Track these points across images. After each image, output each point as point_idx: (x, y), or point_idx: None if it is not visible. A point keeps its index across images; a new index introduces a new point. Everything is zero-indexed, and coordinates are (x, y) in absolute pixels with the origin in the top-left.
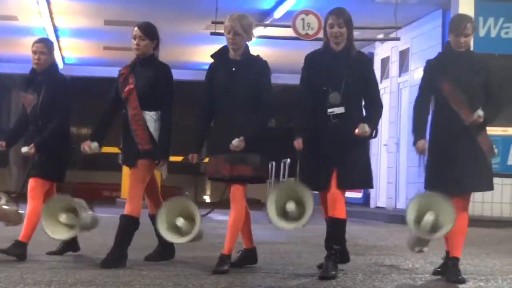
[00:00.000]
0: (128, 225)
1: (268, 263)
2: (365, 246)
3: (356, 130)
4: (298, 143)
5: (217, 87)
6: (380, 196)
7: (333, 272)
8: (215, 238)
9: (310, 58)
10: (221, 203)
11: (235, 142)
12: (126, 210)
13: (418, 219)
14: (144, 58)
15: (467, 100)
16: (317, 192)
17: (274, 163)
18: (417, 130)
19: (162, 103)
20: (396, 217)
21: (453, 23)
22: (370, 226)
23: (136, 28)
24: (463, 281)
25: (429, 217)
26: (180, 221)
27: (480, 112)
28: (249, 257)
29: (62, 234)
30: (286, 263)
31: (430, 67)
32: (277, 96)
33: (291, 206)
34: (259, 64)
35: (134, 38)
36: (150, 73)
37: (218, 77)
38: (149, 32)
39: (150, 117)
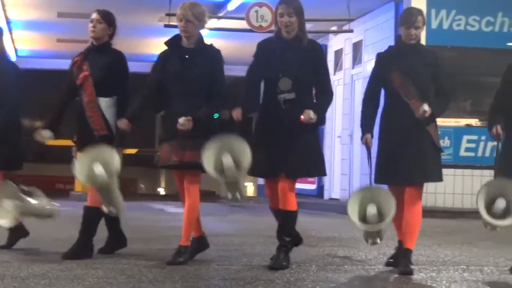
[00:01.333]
0: (91, 215)
1: (222, 255)
2: (319, 237)
3: (302, 116)
4: (237, 114)
5: (170, 75)
6: (334, 188)
7: (284, 263)
8: (168, 231)
9: (262, 45)
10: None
11: (181, 120)
12: (88, 201)
13: (362, 214)
14: (98, 45)
15: (417, 92)
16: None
17: None
18: (364, 124)
19: (117, 90)
20: None
21: (404, 15)
22: (323, 217)
23: (95, 13)
24: (411, 272)
25: (370, 210)
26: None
27: (425, 107)
28: (200, 245)
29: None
30: (240, 255)
31: (381, 60)
32: (231, 88)
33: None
34: (212, 52)
35: (91, 21)
36: (104, 59)
37: (171, 65)
38: (107, 17)
39: (106, 103)
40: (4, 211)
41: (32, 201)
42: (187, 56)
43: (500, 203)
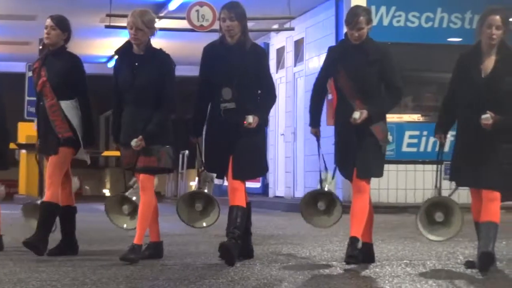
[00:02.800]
0: (49, 211)
1: (167, 255)
2: (263, 235)
3: (244, 122)
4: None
5: (122, 82)
6: (279, 186)
7: (234, 253)
8: (112, 232)
9: (207, 51)
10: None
11: (133, 143)
12: (46, 197)
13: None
14: (54, 50)
15: (360, 92)
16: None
17: (187, 152)
18: (311, 118)
19: (78, 92)
20: (295, 206)
21: (348, 16)
22: (268, 215)
23: (48, 19)
24: (355, 261)
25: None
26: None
27: (355, 115)
28: (154, 250)
29: None
30: (185, 254)
31: (330, 55)
32: (174, 87)
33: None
34: (161, 57)
35: (46, 28)
36: (61, 64)
37: (122, 72)
38: (61, 23)
39: (67, 105)
40: None
41: None
42: (136, 64)
43: (438, 217)
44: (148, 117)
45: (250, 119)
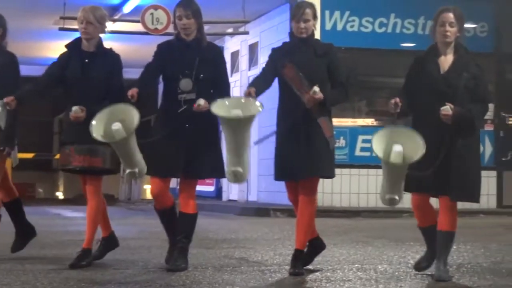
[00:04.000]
0: (13, 207)
1: (118, 259)
2: (216, 239)
3: (194, 105)
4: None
5: (70, 78)
6: (232, 189)
7: (183, 265)
8: (64, 236)
9: (163, 47)
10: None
11: (74, 108)
12: (4, 197)
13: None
14: None
15: (309, 85)
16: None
17: None
18: (251, 82)
19: (8, 91)
20: (248, 210)
21: (293, 9)
22: (221, 219)
23: None
24: (300, 274)
25: (396, 148)
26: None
27: (315, 88)
28: (109, 243)
29: None
30: (136, 258)
31: (274, 54)
32: (122, 87)
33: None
34: (111, 57)
35: None
36: None
37: (70, 68)
38: None
39: None
40: None
41: None
42: (86, 60)
43: (397, 147)
44: (94, 114)
45: (201, 101)
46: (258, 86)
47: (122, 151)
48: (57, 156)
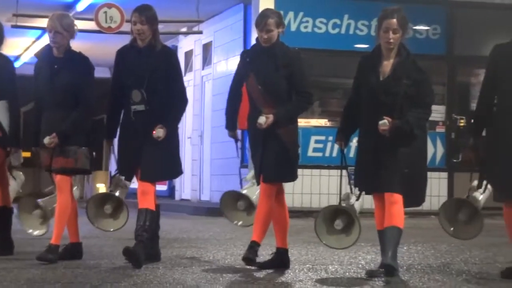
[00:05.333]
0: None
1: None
2: (168, 238)
3: (154, 132)
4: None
5: (40, 85)
6: (185, 189)
7: (141, 259)
8: (17, 234)
9: (119, 54)
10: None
11: (46, 140)
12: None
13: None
14: None
15: (269, 96)
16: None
17: (94, 154)
18: (227, 121)
19: (6, 93)
20: (200, 209)
21: (257, 18)
22: (174, 218)
23: None
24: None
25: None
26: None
27: (260, 120)
28: (74, 251)
29: None
30: (88, 257)
31: (242, 60)
32: (93, 90)
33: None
34: (80, 60)
35: None
36: None
37: (41, 75)
38: None
39: None
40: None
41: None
42: (56, 66)
43: (337, 224)
44: (64, 119)
45: (160, 132)
46: (234, 123)
47: None
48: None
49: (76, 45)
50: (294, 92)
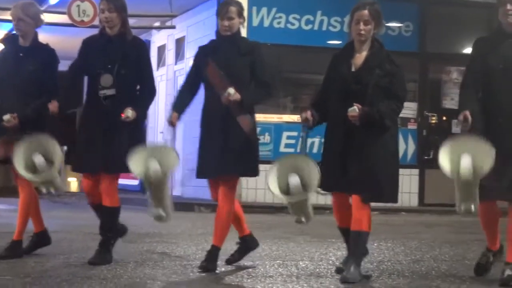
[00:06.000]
0: None
1: (39, 253)
2: (138, 233)
3: (122, 114)
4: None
5: (4, 72)
6: None
7: (107, 257)
8: None
9: (86, 42)
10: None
11: (6, 117)
12: None
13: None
14: None
15: (230, 83)
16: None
17: (65, 148)
18: (174, 104)
19: None
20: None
21: (219, 7)
22: (145, 213)
23: None
24: (210, 270)
25: (292, 180)
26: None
27: (230, 90)
28: (41, 240)
29: None
30: (58, 251)
31: (199, 52)
32: (56, 82)
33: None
34: (45, 51)
35: None
36: None
37: (5, 62)
38: None
39: None
40: None
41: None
42: (21, 54)
43: (294, 180)
44: (25, 108)
45: (129, 112)
46: (180, 105)
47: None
48: None
49: (48, 38)
50: (254, 82)
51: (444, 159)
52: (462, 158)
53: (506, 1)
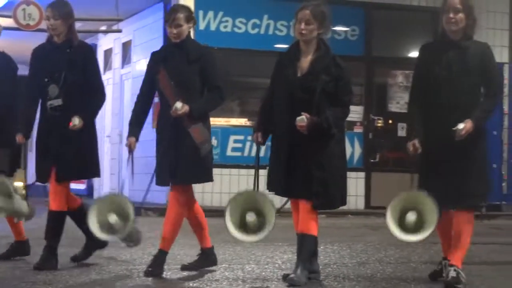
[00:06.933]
0: None
1: None
2: (84, 238)
3: (70, 123)
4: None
5: None
6: (104, 187)
7: (53, 263)
8: None
9: (35, 52)
10: None
11: None
12: None
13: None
14: None
15: (181, 92)
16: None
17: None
18: (130, 129)
19: None
20: None
21: (167, 14)
22: None
23: None
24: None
25: (410, 217)
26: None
27: (177, 105)
28: (20, 249)
29: None
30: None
31: (152, 59)
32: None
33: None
34: (2, 59)
35: None
36: None
37: None
38: None
39: None
40: None
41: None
42: None
43: (411, 216)
44: None
45: (76, 120)
46: (137, 128)
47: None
48: None
49: None
50: (206, 88)
51: (391, 219)
52: (407, 217)
53: (449, 9)
